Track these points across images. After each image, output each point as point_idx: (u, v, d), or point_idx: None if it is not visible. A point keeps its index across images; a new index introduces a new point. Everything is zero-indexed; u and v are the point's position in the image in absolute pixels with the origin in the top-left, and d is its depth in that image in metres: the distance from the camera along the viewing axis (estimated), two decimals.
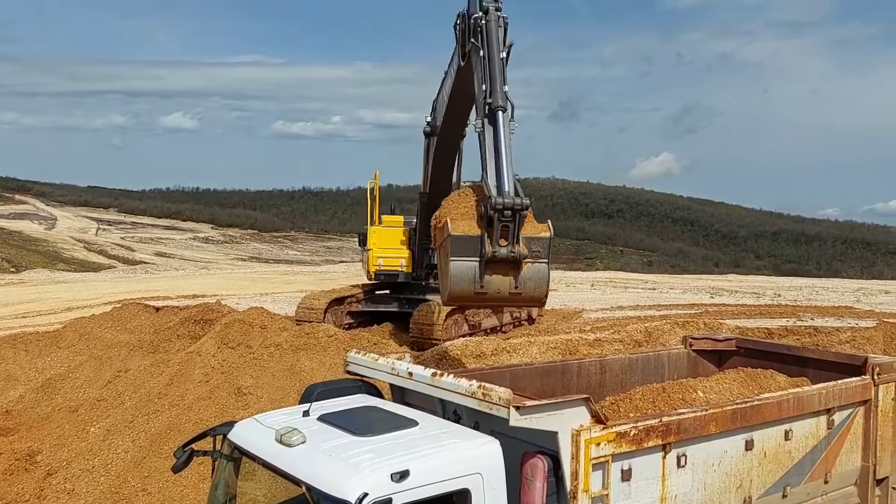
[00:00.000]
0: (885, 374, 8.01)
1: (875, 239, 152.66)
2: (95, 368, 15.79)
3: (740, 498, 6.67)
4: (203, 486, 9.81)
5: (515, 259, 8.24)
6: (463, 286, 8.26)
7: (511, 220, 8.22)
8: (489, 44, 9.67)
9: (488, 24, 9.83)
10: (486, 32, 9.78)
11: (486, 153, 9.01)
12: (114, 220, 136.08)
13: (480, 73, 9.68)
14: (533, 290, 8.46)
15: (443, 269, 8.57)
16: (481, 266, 8.18)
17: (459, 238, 8.17)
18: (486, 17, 9.87)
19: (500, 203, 8.22)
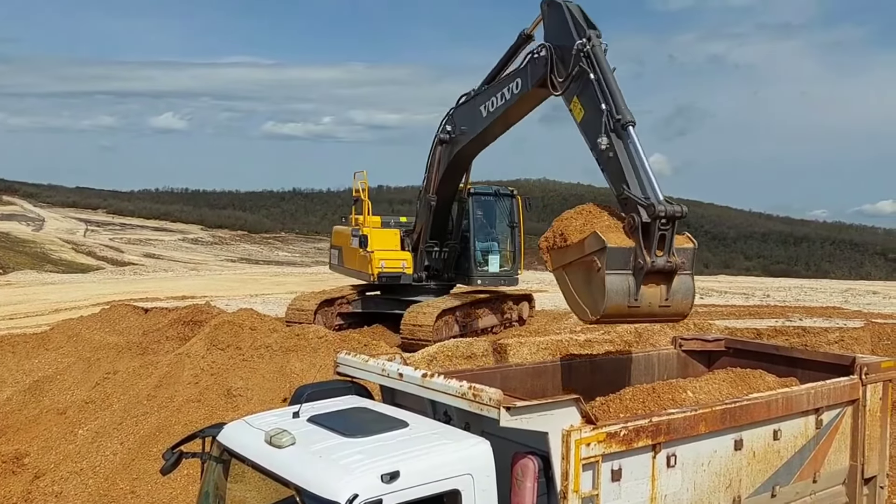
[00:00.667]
0: (873, 373, 8.06)
1: (863, 240, 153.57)
2: (84, 370, 15.70)
3: (729, 497, 6.69)
4: (192, 489, 9.78)
5: (672, 269, 8.39)
6: (618, 300, 8.22)
7: (668, 228, 8.42)
8: (601, 67, 10.23)
9: (595, 48, 10.43)
10: (595, 57, 10.36)
11: (625, 166, 9.37)
12: (102, 222, 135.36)
13: (594, 94, 10.10)
14: (680, 302, 8.64)
15: (587, 285, 8.38)
16: (637, 278, 8.26)
17: (615, 250, 8.19)
18: (591, 43, 10.44)
19: (662, 211, 8.41)
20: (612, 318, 8.57)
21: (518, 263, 19.96)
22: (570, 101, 10.72)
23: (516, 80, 13.12)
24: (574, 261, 8.45)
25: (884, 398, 8.26)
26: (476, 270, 18.81)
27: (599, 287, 8.22)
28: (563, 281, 8.72)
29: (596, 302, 8.27)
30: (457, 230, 18.77)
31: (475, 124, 15.06)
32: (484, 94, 14.53)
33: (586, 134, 10.19)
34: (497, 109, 13.98)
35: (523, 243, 20.29)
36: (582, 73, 10.40)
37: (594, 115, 9.99)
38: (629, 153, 9.46)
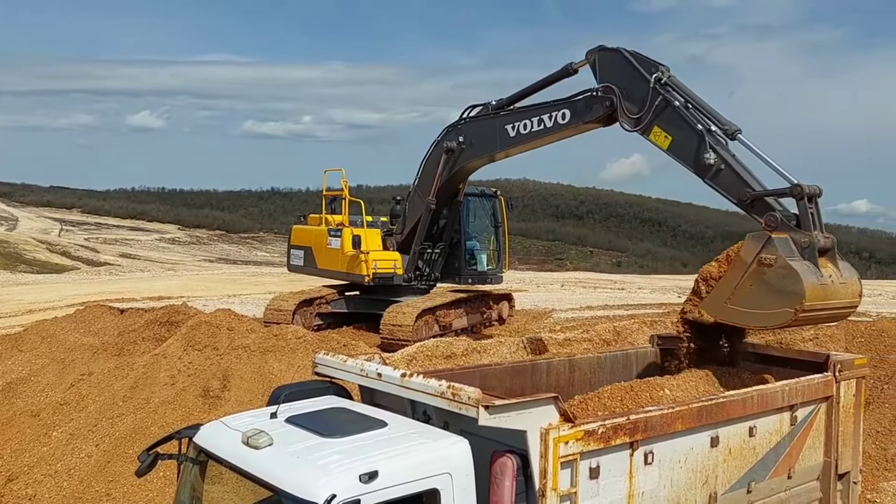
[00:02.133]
0: (847, 371, 8.16)
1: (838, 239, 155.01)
2: (58, 372, 15.49)
3: (706, 494, 6.75)
4: (168, 491, 9.69)
5: (833, 246, 8.83)
6: (811, 280, 8.25)
7: (813, 206, 9.03)
8: (685, 91, 11.16)
9: (672, 79, 11.40)
10: (675, 85, 11.32)
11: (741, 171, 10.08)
12: (77, 221, 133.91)
13: (681, 118, 10.93)
14: (853, 281, 8.95)
15: (769, 289, 8.31)
16: (811, 259, 8.52)
17: (779, 240, 8.53)
18: (666, 75, 11.39)
19: (809, 189, 9.03)
20: (812, 308, 8.29)
21: (503, 262, 20.15)
22: (650, 133, 11.40)
23: (563, 110, 13.54)
24: (740, 281, 8.45)
25: (857, 395, 8.37)
26: (466, 269, 19.01)
27: (786, 276, 8.18)
28: (736, 312, 8.52)
29: (793, 292, 8.13)
30: (448, 231, 18.82)
31: (494, 141, 15.14)
32: (513, 115, 14.64)
33: (680, 156, 10.84)
34: (530, 133, 14.22)
35: (507, 242, 20.43)
36: (663, 101, 11.14)
37: (686, 138, 10.73)
38: (737, 160, 10.17)
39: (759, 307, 8.30)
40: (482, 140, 15.44)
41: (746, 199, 9.79)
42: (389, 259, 18.56)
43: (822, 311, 8.53)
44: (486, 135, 15.30)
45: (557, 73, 13.96)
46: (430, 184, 16.89)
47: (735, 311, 8.51)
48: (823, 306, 8.44)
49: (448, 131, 16.16)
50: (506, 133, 14.69)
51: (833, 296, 8.52)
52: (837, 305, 8.68)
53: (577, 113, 13.23)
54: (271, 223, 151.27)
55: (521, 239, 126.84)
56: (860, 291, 8.95)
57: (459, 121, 15.98)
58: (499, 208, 20.11)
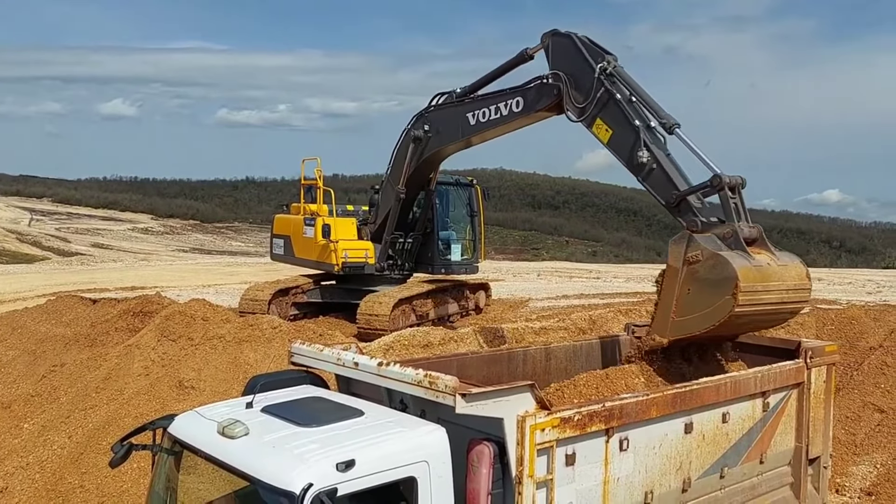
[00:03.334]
0: (818, 357, 8.30)
1: (809, 228, 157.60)
2: (29, 363, 15.30)
3: (680, 479, 6.84)
4: (143, 482, 9.61)
5: (760, 235, 8.48)
6: (742, 263, 7.79)
7: (736, 197, 8.73)
8: (630, 84, 10.67)
9: (616, 69, 10.87)
10: (620, 76, 10.81)
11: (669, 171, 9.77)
12: (48, 211, 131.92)
13: (623, 112, 10.43)
14: (794, 264, 8.47)
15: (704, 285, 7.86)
16: (738, 247, 8.16)
17: (702, 237, 8.29)
18: (612, 65, 10.87)
19: (731, 179, 8.74)
20: (752, 289, 7.72)
21: (478, 252, 20.10)
22: (592, 124, 11.00)
23: (517, 98, 13.26)
24: (678, 289, 8.06)
25: (827, 381, 8.52)
26: (439, 259, 18.90)
27: (715, 265, 7.79)
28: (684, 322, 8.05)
29: (725, 278, 7.66)
30: (421, 220, 18.75)
31: (457, 130, 14.95)
32: (474, 103, 14.44)
33: (618, 152, 10.48)
34: (489, 122, 14.01)
35: (483, 232, 20.40)
36: (606, 94, 10.74)
37: (625, 134, 10.35)
38: (671, 159, 9.91)
39: (702, 307, 7.89)
40: (447, 128, 15.30)
41: (672, 201, 9.45)
42: (361, 248, 18.50)
43: (766, 293, 7.95)
44: (450, 123, 15.17)
45: (514, 59, 13.69)
46: (400, 173, 16.82)
47: (683, 322, 8.07)
48: (765, 288, 7.93)
49: (416, 119, 16.11)
50: (467, 121, 14.55)
51: (773, 277, 8.06)
52: (784, 288, 8.17)
53: (528, 101, 12.96)
54: (246, 213, 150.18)
55: (498, 229, 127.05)
56: (807, 273, 8.47)
57: (426, 109, 15.85)
58: (475, 197, 20.06)
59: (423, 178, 17.54)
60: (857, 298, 21.49)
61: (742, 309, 7.70)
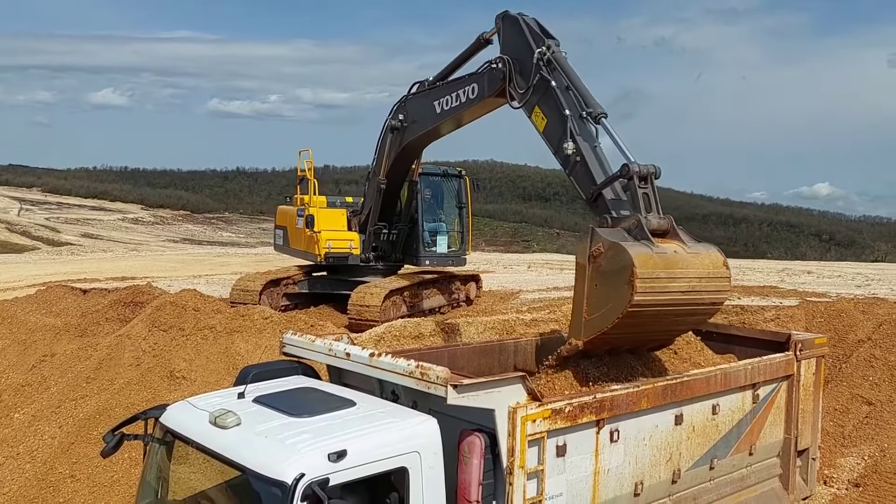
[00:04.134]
0: (807, 350, 8.36)
1: (799, 221, 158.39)
2: (19, 353, 15.24)
3: (670, 470, 6.88)
4: (134, 471, 9.60)
5: (671, 227, 7.81)
6: (640, 250, 7.20)
7: (647, 187, 8.20)
8: (565, 71, 10.16)
9: (555, 54, 10.33)
10: (557, 62, 10.28)
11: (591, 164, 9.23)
12: (37, 200, 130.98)
13: (557, 101, 9.92)
14: (710, 252, 7.64)
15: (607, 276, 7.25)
16: (642, 236, 7.54)
17: (604, 230, 7.67)
18: (550, 51, 10.34)
19: (637, 169, 8.20)
20: (652, 276, 7.03)
21: (466, 244, 20.05)
22: (532, 112, 10.61)
23: (472, 84, 13.03)
24: (587, 287, 7.50)
25: (817, 373, 8.59)
26: (423, 251, 18.83)
27: (614, 255, 7.21)
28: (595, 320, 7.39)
29: (622, 266, 7.05)
30: (406, 211, 18.71)
31: (427, 118, 14.85)
32: (439, 91, 14.32)
33: (549, 141, 10.08)
34: (451, 109, 13.87)
35: (471, 224, 20.36)
36: (543, 81, 10.34)
37: (557, 122, 9.92)
38: (596, 152, 9.43)
39: (607, 301, 7.29)
40: (420, 117, 15.18)
41: (591, 197, 8.95)
42: (345, 238, 18.51)
43: (672, 281, 7.19)
44: (421, 112, 15.07)
45: (472, 45, 13.52)
46: (382, 163, 16.86)
47: (594, 320, 7.45)
48: (669, 276, 7.19)
49: (394, 109, 16.07)
50: (433, 110, 14.45)
51: (679, 265, 7.33)
52: (693, 275, 7.34)
53: (481, 87, 12.68)
54: (237, 203, 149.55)
55: (488, 220, 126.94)
56: (723, 262, 7.61)
57: (403, 98, 15.80)
58: (463, 189, 20.00)
59: (405, 169, 17.46)
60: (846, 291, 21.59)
61: (643, 297, 6.93)
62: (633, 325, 7.20)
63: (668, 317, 7.37)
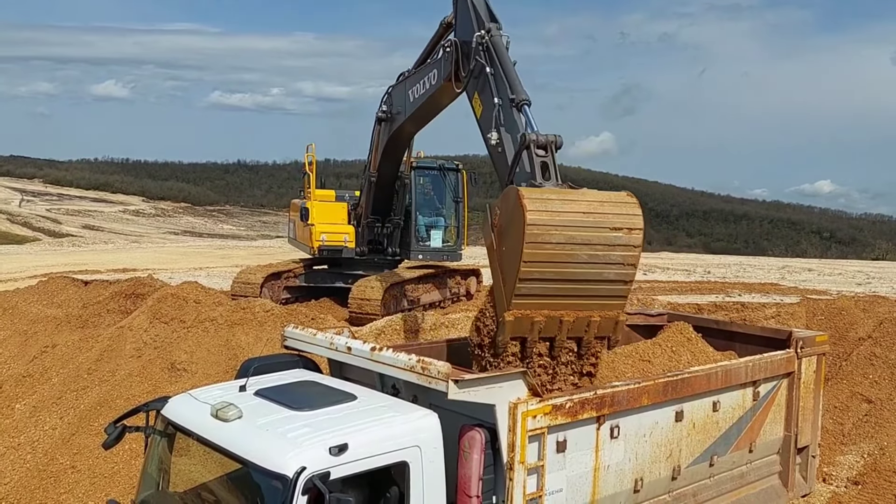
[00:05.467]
0: (808, 347, 8.35)
1: (800, 219, 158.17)
2: (20, 344, 15.25)
3: (670, 467, 6.89)
4: (135, 463, 9.63)
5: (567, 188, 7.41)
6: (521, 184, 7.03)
7: (547, 156, 7.95)
8: (500, 58, 9.76)
9: (493, 39, 9.96)
10: (494, 48, 9.90)
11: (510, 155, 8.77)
12: (38, 192, 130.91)
13: (492, 87, 9.59)
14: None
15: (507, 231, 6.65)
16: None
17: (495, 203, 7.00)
18: (490, 35, 10.00)
19: (540, 137, 7.99)
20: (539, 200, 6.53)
21: (462, 238, 19.97)
22: (472, 98, 10.34)
23: (433, 70, 12.80)
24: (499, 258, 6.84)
25: (817, 371, 8.58)
26: (417, 245, 18.74)
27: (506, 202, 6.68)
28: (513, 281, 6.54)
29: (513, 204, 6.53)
30: (400, 205, 18.69)
31: (405, 107, 14.76)
32: (412, 79, 14.18)
33: (482, 129, 9.79)
34: (421, 96, 13.69)
35: (467, 218, 20.29)
36: (479, 67, 10.02)
37: (488, 110, 9.67)
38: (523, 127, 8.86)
39: (511, 248, 6.58)
40: (400, 106, 15.06)
41: (507, 184, 8.09)
42: (340, 232, 18.53)
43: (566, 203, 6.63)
44: (401, 101, 14.97)
45: (438, 30, 13.28)
46: (372, 157, 16.87)
47: (510, 278, 6.61)
48: (562, 199, 6.70)
49: (381, 101, 15.98)
50: (409, 98, 14.32)
51: (572, 194, 6.96)
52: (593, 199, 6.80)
53: (439, 71, 12.37)
54: (237, 196, 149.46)
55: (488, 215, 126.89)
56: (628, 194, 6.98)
57: (389, 88, 15.70)
58: (460, 183, 19.88)
59: (396, 161, 17.33)
60: (846, 289, 21.62)
61: (535, 216, 6.35)
62: (543, 262, 6.44)
63: (578, 247, 6.51)
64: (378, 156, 16.60)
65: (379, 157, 16.61)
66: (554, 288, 6.62)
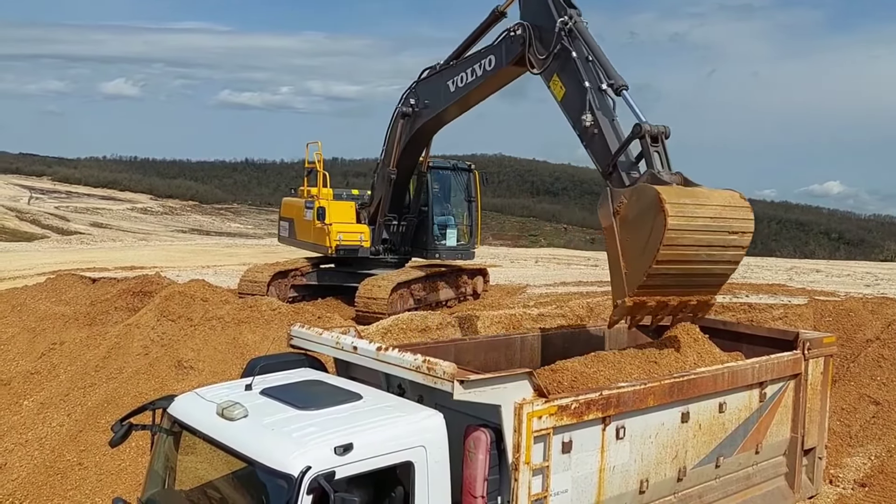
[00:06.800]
0: (815, 349, 8.32)
1: (808, 219, 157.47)
2: (29, 340, 15.32)
3: (675, 468, 6.87)
4: (141, 461, 9.66)
5: (681, 180, 8.32)
6: (662, 186, 7.58)
7: (658, 146, 8.66)
8: (587, 42, 10.24)
9: (577, 24, 10.42)
10: (579, 33, 10.34)
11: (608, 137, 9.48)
12: (47, 189, 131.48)
13: (577, 71, 10.07)
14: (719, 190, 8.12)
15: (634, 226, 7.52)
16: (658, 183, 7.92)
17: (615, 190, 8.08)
18: (573, 21, 10.44)
19: (652, 128, 8.67)
20: (680, 205, 7.27)
21: (475, 238, 20.10)
22: (550, 80, 10.74)
23: (489, 56, 13.13)
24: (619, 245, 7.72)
25: (825, 373, 8.55)
26: (433, 244, 18.90)
27: (639, 197, 7.49)
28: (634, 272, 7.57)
29: (650, 202, 7.29)
30: (415, 204, 18.75)
31: (440, 99, 14.93)
32: (452, 69, 14.42)
33: (568, 112, 10.25)
34: (466, 85, 13.94)
35: (480, 218, 20.38)
36: (563, 50, 10.43)
37: (576, 93, 10.07)
38: (614, 125, 9.66)
39: (642, 242, 7.45)
40: (433, 100, 15.31)
41: (608, 168, 9.26)
42: (356, 231, 18.54)
43: (698, 207, 7.42)
44: (434, 94, 15.19)
45: (487, 19, 13.64)
46: (392, 153, 16.89)
47: (633, 272, 7.60)
48: (694, 202, 7.46)
49: (404, 96, 16.14)
50: (447, 89, 14.56)
51: (699, 195, 7.69)
52: (717, 203, 7.62)
53: (499, 57, 12.79)
54: (245, 194, 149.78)
55: (496, 215, 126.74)
56: (741, 195, 7.91)
57: (413, 84, 15.90)
58: (472, 183, 20.04)
59: (414, 159, 17.52)
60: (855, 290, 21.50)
61: (676, 220, 7.15)
62: (673, 262, 7.43)
63: (703, 249, 7.55)
64: (399, 152, 16.67)
65: (399, 153, 16.68)
66: (674, 280, 7.68)
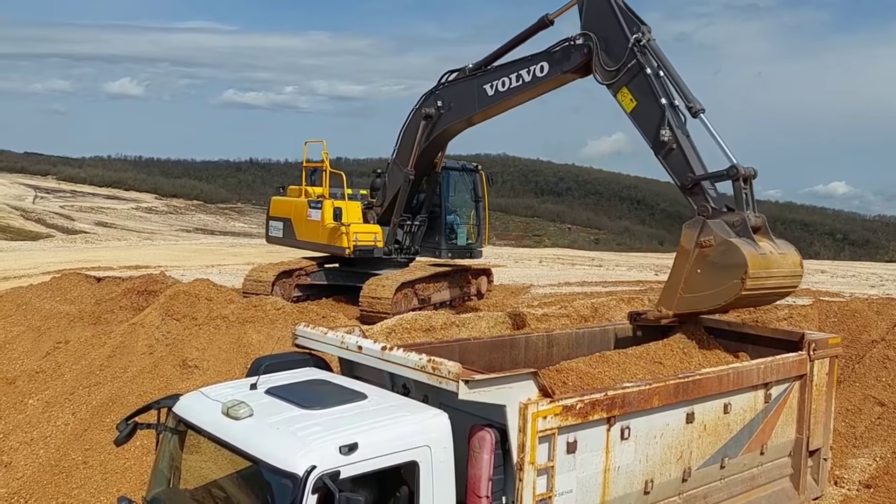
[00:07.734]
0: (821, 349, 8.30)
1: (813, 220, 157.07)
2: (33, 339, 15.36)
3: (680, 469, 6.86)
4: (146, 460, 9.68)
5: (764, 224, 9.27)
6: (750, 250, 8.60)
7: (747, 188, 9.47)
8: (661, 60, 10.82)
9: (651, 42, 10.97)
10: (653, 50, 10.91)
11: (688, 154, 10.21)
12: (52, 188, 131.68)
13: (650, 86, 10.65)
14: (791, 252, 9.35)
15: (714, 268, 8.74)
16: (746, 234, 8.94)
17: (714, 223, 9.05)
18: (646, 38, 10.98)
19: (745, 171, 9.44)
20: (757, 276, 8.61)
21: (482, 237, 20.18)
22: (618, 91, 11.17)
23: (541, 63, 13.36)
24: (688, 269, 8.92)
25: (830, 373, 8.53)
26: (445, 243, 19.04)
27: (727, 251, 8.62)
28: (691, 299, 8.93)
29: (736, 264, 8.51)
30: (427, 204, 18.79)
31: (473, 102, 14.99)
32: (490, 74, 14.51)
33: (640, 124, 10.80)
34: (510, 90, 14.08)
35: (487, 218, 20.45)
36: (636, 65, 10.87)
37: (650, 108, 10.62)
38: (690, 141, 10.30)
39: (710, 288, 8.74)
40: (461, 103, 15.35)
41: (688, 184, 10.04)
42: (370, 232, 18.46)
43: (768, 279, 8.86)
44: (464, 97, 15.21)
45: (533, 26, 13.73)
46: (409, 153, 16.86)
47: (690, 298, 8.92)
48: (768, 275, 8.83)
49: (426, 97, 16.12)
50: (484, 93, 14.62)
51: (774, 265, 8.93)
52: (782, 274, 9.07)
53: (555, 63, 13.05)
54: (249, 194, 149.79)
55: (500, 215, 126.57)
56: (801, 262, 9.44)
57: (437, 86, 15.90)
58: (479, 183, 20.11)
59: (431, 160, 17.55)
60: (860, 291, 21.46)
61: (749, 292, 8.56)
62: (727, 308, 8.91)
63: (749, 303, 9.35)
64: (418, 153, 16.69)
65: (419, 154, 16.69)
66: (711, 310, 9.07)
